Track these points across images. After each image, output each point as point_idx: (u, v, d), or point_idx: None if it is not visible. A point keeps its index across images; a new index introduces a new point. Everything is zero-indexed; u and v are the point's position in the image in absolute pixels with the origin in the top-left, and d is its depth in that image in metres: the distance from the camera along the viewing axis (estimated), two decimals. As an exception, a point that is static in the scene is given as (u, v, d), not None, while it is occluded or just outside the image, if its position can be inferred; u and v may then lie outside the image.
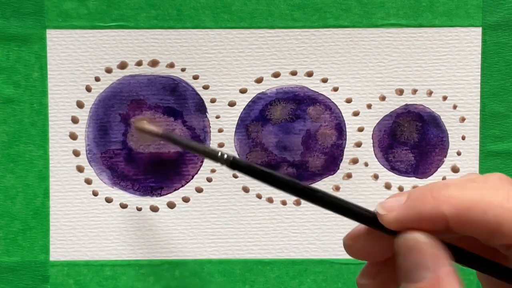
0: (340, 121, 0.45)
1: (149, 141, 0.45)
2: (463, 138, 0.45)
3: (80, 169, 0.45)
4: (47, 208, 0.45)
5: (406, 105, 0.45)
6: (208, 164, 0.45)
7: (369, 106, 0.45)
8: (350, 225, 0.46)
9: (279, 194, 0.45)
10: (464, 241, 0.30)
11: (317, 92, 0.45)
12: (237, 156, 0.43)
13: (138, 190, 0.45)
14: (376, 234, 0.30)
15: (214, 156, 0.35)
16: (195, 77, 0.45)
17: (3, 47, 0.44)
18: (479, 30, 0.45)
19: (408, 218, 0.28)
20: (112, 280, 0.45)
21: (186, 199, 0.45)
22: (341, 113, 0.45)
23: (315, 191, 0.32)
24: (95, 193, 0.45)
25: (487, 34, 0.45)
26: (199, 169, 0.45)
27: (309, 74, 0.45)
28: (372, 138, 0.45)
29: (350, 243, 0.32)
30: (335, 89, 0.45)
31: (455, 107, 0.45)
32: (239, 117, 0.45)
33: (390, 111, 0.45)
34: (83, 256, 0.45)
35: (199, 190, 0.45)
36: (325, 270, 0.45)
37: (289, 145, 0.45)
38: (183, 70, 0.45)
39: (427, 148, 0.45)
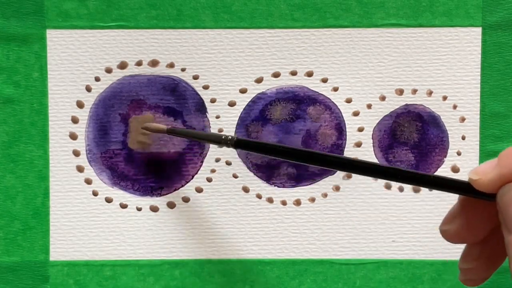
0: (340, 121, 0.45)
1: (148, 143, 0.45)
2: (463, 138, 0.45)
3: (80, 169, 0.45)
4: (47, 208, 0.45)
5: (406, 105, 0.45)
6: (208, 164, 0.45)
7: (369, 106, 0.45)
8: (350, 226, 0.46)
9: (279, 194, 0.45)
10: None
11: (317, 92, 0.45)
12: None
13: (138, 190, 0.45)
14: (470, 210, 0.30)
15: (218, 140, 0.37)
16: (195, 77, 0.45)
17: (3, 47, 0.44)
18: (479, 30, 0.45)
19: (503, 176, 0.28)
20: (112, 280, 0.45)
21: (186, 199, 0.45)
22: (341, 113, 0.45)
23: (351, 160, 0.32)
24: (95, 193, 0.45)
25: (487, 34, 0.45)
26: (199, 169, 0.45)
27: (309, 74, 0.45)
28: (372, 138, 0.45)
29: (446, 228, 0.31)
30: (335, 89, 0.45)
31: (455, 107, 0.45)
32: (239, 117, 0.45)
33: (390, 111, 0.45)
34: (83, 256, 0.45)
35: (199, 190, 0.45)
36: (325, 270, 0.45)
37: (289, 145, 0.45)
38: (183, 70, 0.45)
39: (427, 148, 0.45)
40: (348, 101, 0.45)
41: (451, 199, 0.45)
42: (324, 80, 0.45)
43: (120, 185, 0.45)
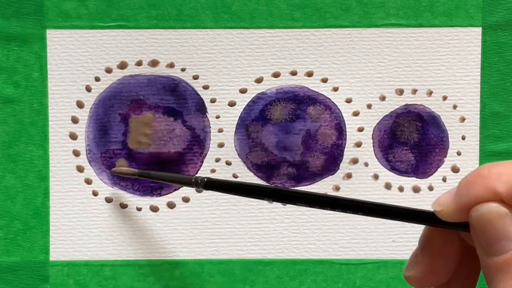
0: (340, 121, 0.45)
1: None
2: (463, 138, 0.45)
3: (80, 169, 0.45)
4: (47, 208, 0.45)
5: (406, 105, 0.45)
6: (208, 164, 0.45)
7: (369, 106, 0.45)
8: (350, 226, 0.46)
9: (279, 194, 0.45)
10: None
11: (317, 92, 0.45)
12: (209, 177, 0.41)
13: (138, 190, 0.45)
14: (432, 253, 0.30)
15: (189, 182, 0.37)
16: (195, 77, 0.45)
17: (3, 47, 0.44)
18: (479, 30, 0.45)
19: (463, 205, 0.28)
20: (112, 280, 0.45)
21: (186, 199, 0.45)
22: (341, 113, 0.45)
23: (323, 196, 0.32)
24: (95, 193, 0.45)
25: (487, 34, 0.45)
26: (199, 169, 0.45)
27: (309, 74, 0.45)
28: (372, 138, 0.45)
29: (409, 274, 0.31)
30: (335, 89, 0.45)
31: (455, 107, 0.45)
32: (239, 117, 0.45)
33: (390, 111, 0.45)
34: (83, 256, 0.45)
35: (199, 190, 0.45)
36: (325, 270, 0.45)
37: (289, 145, 0.45)
38: (183, 70, 0.45)
39: (427, 148, 0.45)
40: (348, 101, 0.45)
41: (451, 199, 0.45)
42: (324, 80, 0.45)
43: (120, 185, 0.45)
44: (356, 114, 0.45)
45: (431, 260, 0.30)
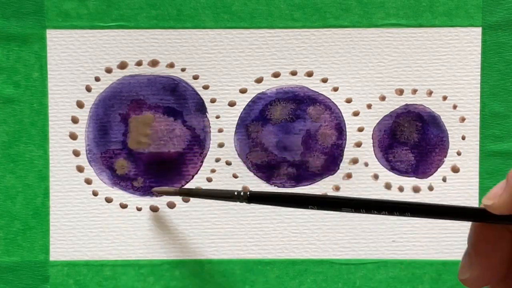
0: (340, 121, 0.45)
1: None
2: (463, 138, 0.45)
3: (80, 169, 0.45)
4: (47, 208, 0.45)
5: (406, 105, 0.45)
6: (208, 164, 0.45)
7: (369, 106, 0.45)
8: (350, 226, 0.46)
9: (279, 194, 0.45)
10: None
11: (317, 92, 0.45)
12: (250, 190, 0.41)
13: (138, 190, 0.45)
14: (485, 253, 0.30)
15: (231, 196, 0.36)
16: (195, 77, 0.45)
17: (3, 47, 0.44)
18: (479, 30, 0.45)
19: None
20: (112, 280, 0.45)
21: (186, 199, 0.45)
22: (341, 113, 0.45)
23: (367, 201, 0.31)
24: (95, 193, 0.45)
25: (487, 34, 0.45)
26: (199, 169, 0.45)
27: (309, 74, 0.45)
28: (372, 138, 0.45)
29: (465, 277, 0.31)
30: (335, 89, 0.45)
31: (455, 107, 0.45)
32: (239, 117, 0.45)
33: (390, 111, 0.45)
34: (83, 256, 0.45)
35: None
36: (325, 270, 0.45)
37: (289, 145, 0.45)
38: (183, 70, 0.45)
39: (427, 148, 0.45)
40: (348, 101, 0.45)
41: (450, 199, 0.45)
42: (324, 80, 0.45)
43: (120, 185, 0.45)
44: (356, 114, 0.45)
45: (486, 259, 0.30)
